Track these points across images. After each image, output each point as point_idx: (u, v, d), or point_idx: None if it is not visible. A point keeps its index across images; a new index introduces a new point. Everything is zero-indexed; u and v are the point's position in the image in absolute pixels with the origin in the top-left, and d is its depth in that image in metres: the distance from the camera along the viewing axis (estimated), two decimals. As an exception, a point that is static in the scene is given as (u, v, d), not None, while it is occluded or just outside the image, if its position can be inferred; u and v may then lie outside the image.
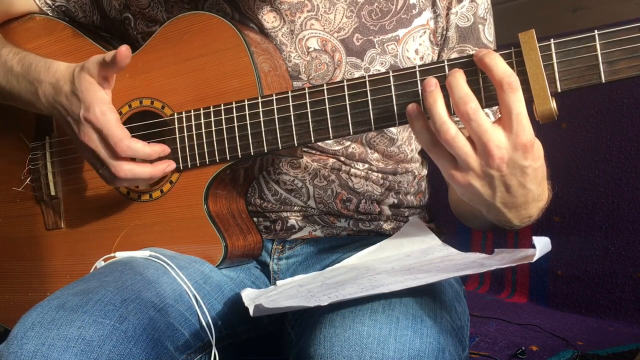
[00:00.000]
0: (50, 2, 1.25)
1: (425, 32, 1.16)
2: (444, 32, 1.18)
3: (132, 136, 1.07)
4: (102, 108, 1.06)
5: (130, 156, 1.07)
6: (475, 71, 0.88)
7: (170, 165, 1.09)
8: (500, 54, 0.87)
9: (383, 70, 1.13)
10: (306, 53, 1.14)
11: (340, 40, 1.14)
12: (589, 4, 2.18)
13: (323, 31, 1.14)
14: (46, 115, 1.20)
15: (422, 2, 1.15)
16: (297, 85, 1.14)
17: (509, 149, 0.84)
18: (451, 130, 0.85)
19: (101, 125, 1.05)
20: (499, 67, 0.84)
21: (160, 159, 1.10)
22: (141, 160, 1.09)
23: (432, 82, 0.87)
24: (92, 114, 1.05)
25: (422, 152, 1.29)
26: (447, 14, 1.17)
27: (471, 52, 1.17)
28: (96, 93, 1.07)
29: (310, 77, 1.14)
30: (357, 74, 1.13)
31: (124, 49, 1.02)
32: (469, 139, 0.86)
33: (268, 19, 1.14)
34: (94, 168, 1.11)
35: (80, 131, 1.08)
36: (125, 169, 1.06)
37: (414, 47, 1.15)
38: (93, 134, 1.06)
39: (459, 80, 0.85)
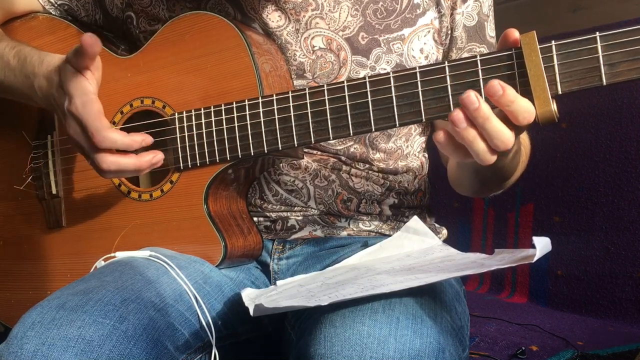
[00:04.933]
0: (53, 1, 1.26)
1: (429, 31, 1.16)
2: (449, 32, 1.18)
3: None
4: (83, 99, 1.03)
5: (108, 147, 1.04)
6: (476, 72, 0.88)
7: (156, 156, 1.07)
8: (501, 55, 0.87)
9: (389, 69, 1.13)
10: (311, 52, 1.14)
11: (346, 38, 1.14)
12: (589, 4, 2.18)
13: (328, 30, 1.14)
14: (46, 110, 1.19)
15: (426, 2, 1.16)
16: (302, 84, 1.15)
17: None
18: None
19: (81, 116, 1.02)
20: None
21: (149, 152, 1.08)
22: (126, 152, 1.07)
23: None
24: (73, 105, 1.03)
25: (421, 152, 1.29)
26: (452, 14, 1.17)
27: (477, 50, 1.18)
28: (78, 83, 1.03)
29: (315, 76, 1.14)
30: (362, 73, 1.14)
31: (88, 37, 0.98)
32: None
33: (273, 18, 1.14)
34: (88, 162, 1.10)
35: (66, 123, 1.06)
36: (108, 160, 1.04)
37: (419, 46, 1.16)
38: (76, 126, 1.04)
39: (490, 118, 0.85)
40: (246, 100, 1.05)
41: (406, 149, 1.23)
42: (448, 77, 0.90)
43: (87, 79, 1.03)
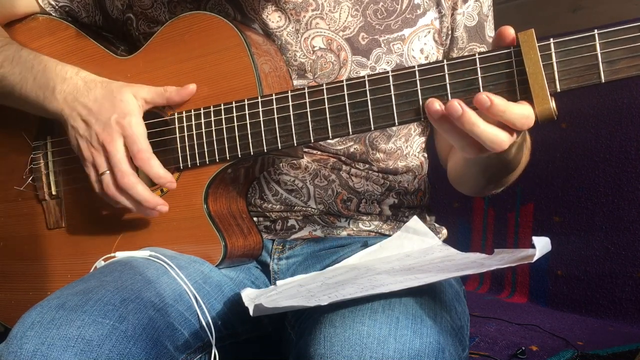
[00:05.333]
0: (53, 3, 1.26)
1: (429, 31, 1.16)
2: (449, 32, 1.18)
3: None
4: (138, 120, 1.08)
5: (139, 165, 1.08)
6: (474, 71, 0.89)
7: (164, 206, 1.10)
8: (499, 54, 0.87)
9: (389, 69, 1.13)
10: (312, 52, 1.14)
11: (346, 39, 1.14)
12: (589, 4, 2.18)
13: (328, 30, 1.14)
14: (42, 115, 1.19)
15: (426, 2, 1.16)
16: (302, 84, 1.15)
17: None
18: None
19: (132, 133, 1.07)
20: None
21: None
22: None
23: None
24: (127, 121, 1.07)
25: (421, 152, 1.29)
26: (453, 14, 1.17)
27: (477, 50, 1.18)
28: (135, 109, 1.09)
29: (315, 76, 1.14)
30: (363, 73, 1.13)
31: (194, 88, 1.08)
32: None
33: (273, 18, 1.14)
34: (92, 172, 1.11)
35: (104, 131, 1.08)
36: (131, 179, 1.07)
37: (419, 46, 1.16)
38: (119, 137, 1.08)
39: (477, 123, 0.86)
40: (245, 100, 1.05)
41: (406, 149, 1.23)
42: (447, 76, 0.90)
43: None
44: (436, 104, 0.88)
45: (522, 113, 0.85)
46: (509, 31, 0.87)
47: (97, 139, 1.09)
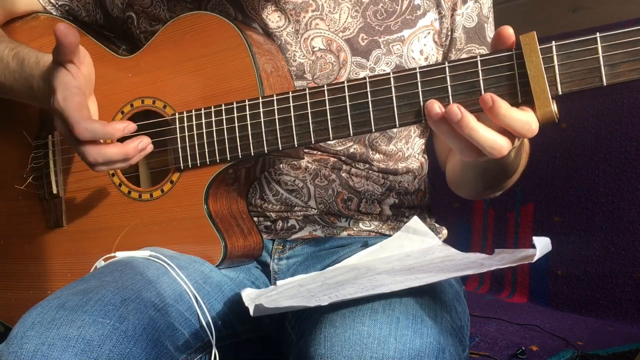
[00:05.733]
0: (53, 1, 1.25)
1: (429, 33, 1.16)
2: (449, 33, 1.18)
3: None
4: (65, 93, 1.01)
5: (90, 138, 1.01)
6: (476, 73, 0.89)
7: (141, 141, 1.04)
8: (501, 56, 0.87)
9: (388, 70, 1.13)
10: (311, 53, 1.14)
11: (346, 40, 1.14)
12: (589, 4, 2.18)
13: (328, 31, 1.14)
14: (47, 109, 1.19)
15: (426, 3, 1.16)
16: (301, 84, 1.15)
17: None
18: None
19: (62, 110, 1.00)
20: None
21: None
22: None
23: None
24: (56, 100, 1.01)
25: (421, 154, 1.29)
26: (452, 15, 1.17)
27: (477, 52, 1.18)
28: (61, 79, 1.02)
29: (315, 77, 1.14)
30: (362, 74, 1.14)
31: (61, 27, 0.97)
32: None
33: (273, 18, 1.14)
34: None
35: (55, 121, 1.05)
36: (94, 152, 1.02)
37: (419, 47, 1.16)
38: (60, 122, 1.03)
39: (475, 128, 0.86)
40: (246, 100, 1.05)
41: (407, 151, 1.23)
42: (448, 78, 0.90)
43: (71, 72, 1.02)
44: (435, 106, 0.88)
45: (523, 119, 0.84)
46: (509, 32, 0.87)
47: (57, 128, 1.06)
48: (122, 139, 1.04)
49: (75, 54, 1.01)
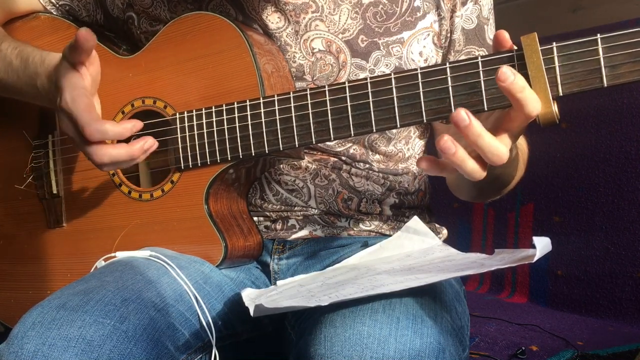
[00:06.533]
0: (54, 1, 1.25)
1: (429, 34, 1.16)
2: (448, 35, 1.18)
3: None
4: (73, 94, 1.01)
5: (100, 139, 1.02)
6: (477, 74, 0.88)
7: (146, 141, 1.04)
8: (502, 57, 0.87)
9: (388, 71, 1.13)
10: (311, 54, 1.14)
11: (345, 41, 1.14)
12: (589, 4, 2.19)
13: (328, 32, 1.14)
14: (47, 109, 1.19)
15: (426, 5, 1.16)
16: (301, 85, 1.14)
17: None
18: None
19: (70, 111, 1.01)
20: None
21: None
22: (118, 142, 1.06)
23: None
24: (64, 100, 1.02)
25: (421, 154, 1.29)
26: (452, 17, 1.17)
27: (476, 53, 1.18)
28: (69, 79, 1.02)
29: (314, 78, 1.14)
30: (361, 75, 1.13)
31: (83, 31, 0.98)
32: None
33: (272, 19, 1.14)
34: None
35: (60, 120, 1.05)
36: (101, 153, 1.02)
37: (419, 49, 1.16)
38: (68, 122, 1.03)
39: (482, 134, 0.84)
40: (247, 101, 1.05)
41: (407, 152, 1.23)
42: (449, 79, 0.90)
43: (81, 74, 1.03)
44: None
45: (535, 97, 0.83)
46: (504, 36, 0.86)
47: (62, 128, 1.06)
48: (127, 139, 1.05)
49: (88, 55, 1.02)
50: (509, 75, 0.81)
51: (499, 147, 0.85)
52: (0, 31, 1.25)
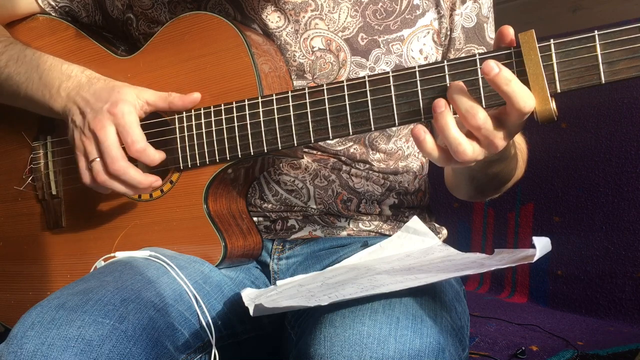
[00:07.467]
0: (53, 3, 1.25)
1: (428, 32, 1.16)
2: (448, 33, 1.18)
3: None
4: (130, 109, 1.07)
5: (136, 157, 1.07)
6: (475, 71, 0.89)
7: (157, 181, 1.09)
8: (500, 54, 0.87)
9: (388, 69, 1.13)
10: (311, 52, 1.14)
11: (345, 39, 1.14)
12: (589, 4, 2.19)
13: (327, 30, 1.14)
14: (48, 115, 1.19)
15: (425, 2, 1.16)
16: (301, 84, 1.15)
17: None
18: (467, 151, 0.87)
19: (124, 122, 1.05)
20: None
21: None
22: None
23: (442, 104, 0.88)
24: (119, 109, 1.06)
25: (421, 153, 1.29)
26: (451, 15, 1.17)
27: (475, 51, 1.18)
28: (131, 101, 1.08)
29: (315, 77, 1.14)
30: (362, 74, 1.13)
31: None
32: (470, 133, 0.88)
33: (272, 18, 1.14)
34: (82, 160, 1.10)
35: (96, 118, 1.07)
36: (121, 164, 1.06)
37: (418, 47, 1.16)
38: (110, 125, 1.06)
39: (460, 93, 0.86)
40: (246, 100, 1.05)
41: (407, 149, 1.23)
42: (447, 77, 0.90)
43: (135, 110, 1.09)
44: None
45: (526, 92, 0.84)
46: (508, 31, 0.87)
47: (88, 126, 1.08)
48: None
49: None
50: (492, 67, 0.82)
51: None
52: (20, 44, 1.23)
